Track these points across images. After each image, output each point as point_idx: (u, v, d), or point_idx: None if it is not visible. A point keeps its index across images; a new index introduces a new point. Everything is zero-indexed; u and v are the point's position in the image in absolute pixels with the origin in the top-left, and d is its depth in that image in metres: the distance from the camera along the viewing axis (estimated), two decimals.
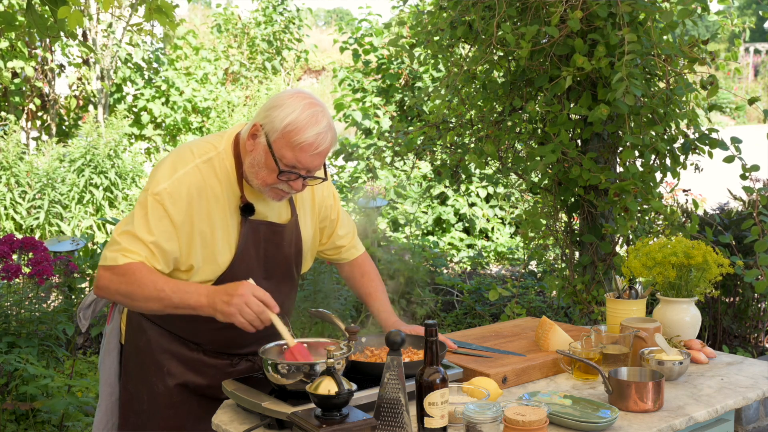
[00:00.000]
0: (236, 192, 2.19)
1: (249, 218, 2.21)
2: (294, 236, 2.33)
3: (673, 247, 2.58)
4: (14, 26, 4.05)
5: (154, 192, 2.12)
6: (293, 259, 2.35)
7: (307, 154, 2.10)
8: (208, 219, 2.16)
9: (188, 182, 2.14)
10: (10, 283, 3.98)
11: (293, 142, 2.08)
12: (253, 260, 2.24)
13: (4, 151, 8.45)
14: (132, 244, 2.10)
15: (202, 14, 18.14)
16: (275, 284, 2.28)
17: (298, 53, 13.30)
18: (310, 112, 2.10)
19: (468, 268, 7.62)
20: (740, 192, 5.18)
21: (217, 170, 2.18)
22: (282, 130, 2.08)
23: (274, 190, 2.16)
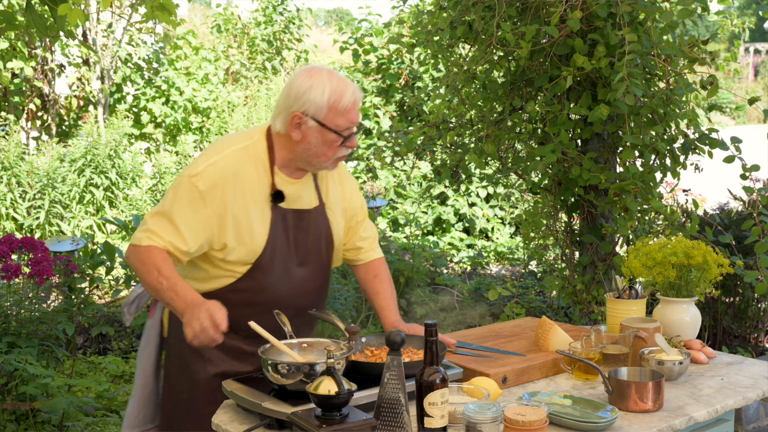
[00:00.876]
0: (269, 179, 2.30)
1: (278, 205, 2.31)
2: (322, 222, 2.42)
3: (673, 247, 2.58)
4: (14, 26, 4.05)
5: (191, 174, 2.24)
6: (324, 246, 2.42)
7: (353, 112, 2.28)
8: (243, 202, 2.26)
9: (224, 166, 2.25)
10: (10, 283, 3.98)
11: (340, 109, 2.24)
12: (285, 246, 2.33)
13: (5, 151, 8.44)
14: (160, 227, 2.22)
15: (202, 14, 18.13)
16: (309, 271, 2.38)
17: (298, 53, 13.29)
18: (336, 79, 2.26)
19: (468, 268, 7.62)
20: (740, 192, 5.17)
21: (252, 157, 2.30)
22: (328, 105, 2.23)
23: (335, 161, 2.33)
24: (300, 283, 2.36)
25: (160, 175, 9.13)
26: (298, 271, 2.34)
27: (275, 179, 2.31)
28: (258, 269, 2.29)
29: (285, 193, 2.31)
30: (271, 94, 11.09)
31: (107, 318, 5.63)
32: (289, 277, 2.33)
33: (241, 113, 10.32)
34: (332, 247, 2.46)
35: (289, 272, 2.33)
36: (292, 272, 2.33)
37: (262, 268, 2.29)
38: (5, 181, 8.34)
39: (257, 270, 2.29)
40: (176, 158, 9.51)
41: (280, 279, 2.32)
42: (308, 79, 2.24)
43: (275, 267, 2.30)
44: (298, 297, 2.37)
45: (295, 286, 2.35)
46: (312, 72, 2.26)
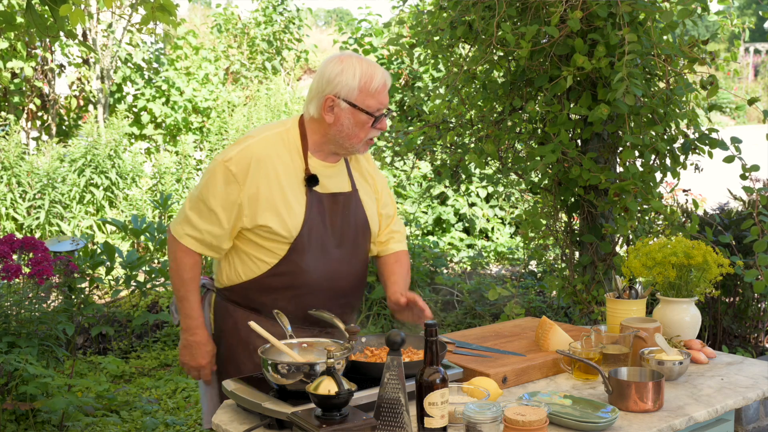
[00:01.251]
0: (303, 164, 2.39)
1: (313, 189, 2.39)
2: (356, 206, 2.48)
3: (673, 247, 2.58)
4: (14, 26, 4.05)
5: (224, 159, 2.35)
6: (360, 229, 2.48)
7: (383, 93, 2.38)
8: (277, 184, 2.35)
9: (256, 150, 2.36)
10: (10, 283, 3.98)
11: (372, 90, 2.34)
12: (321, 229, 2.39)
13: (5, 151, 8.44)
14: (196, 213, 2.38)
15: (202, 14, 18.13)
16: (346, 254, 2.44)
17: (298, 53, 13.28)
18: (365, 63, 2.36)
19: (468, 268, 7.62)
20: (740, 192, 5.17)
21: (285, 142, 2.40)
22: (359, 87, 2.33)
23: (367, 143, 2.42)
24: (338, 266, 2.43)
25: (160, 175, 9.12)
26: (336, 252, 2.41)
27: (309, 163, 2.40)
28: (296, 251, 2.36)
29: (319, 177, 2.39)
30: (271, 94, 11.08)
31: (107, 318, 5.63)
32: (327, 258, 2.40)
33: (241, 113, 10.31)
34: (368, 231, 2.52)
35: (327, 254, 2.40)
36: (330, 254, 2.40)
37: (300, 250, 2.36)
38: (5, 181, 8.33)
39: (295, 252, 2.36)
40: (176, 158, 9.51)
41: (318, 260, 2.39)
42: (339, 63, 2.34)
43: (313, 248, 2.37)
44: (336, 279, 2.43)
45: (334, 269, 2.42)
46: (342, 58, 2.37)
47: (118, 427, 4.10)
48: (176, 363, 5.21)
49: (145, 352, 5.39)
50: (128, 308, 5.93)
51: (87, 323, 5.28)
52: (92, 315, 5.15)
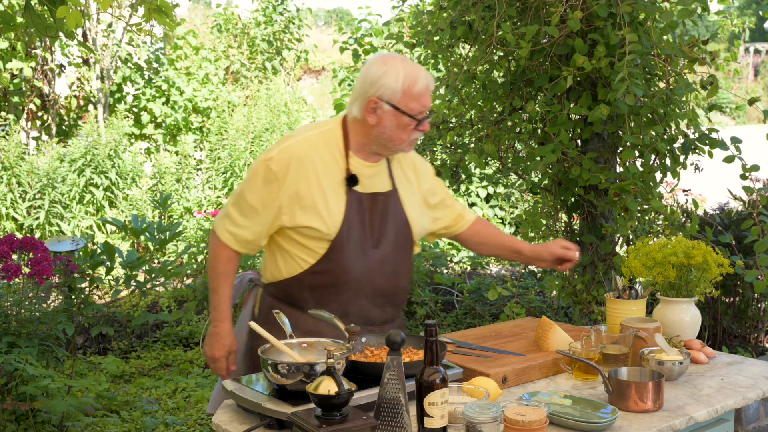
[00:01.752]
0: (344, 164, 2.42)
1: (353, 189, 2.41)
2: (396, 206, 2.50)
3: (673, 247, 2.58)
4: (13, 26, 4.05)
5: (265, 159, 2.40)
6: (399, 229, 2.50)
7: (426, 96, 2.39)
8: (317, 183, 2.38)
9: (296, 150, 2.39)
10: (10, 283, 3.98)
11: (415, 93, 2.35)
12: (360, 228, 2.41)
13: (5, 151, 8.44)
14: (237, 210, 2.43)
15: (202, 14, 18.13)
16: (385, 253, 2.45)
17: (298, 53, 13.28)
18: (409, 65, 2.37)
19: (468, 268, 7.61)
20: (740, 192, 5.17)
21: (327, 142, 2.43)
22: (402, 90, 2.34)
23: (410, 143, 2.44)
24: (377, 265, 2.44)
25: (160, 175, 9.12)
26: (375, 253, 2.43)
27: (350, 163, 2.42)
28: (335, 250, 2.38)
29: (360, 177, 2.42)
30: (271, 94, 11.08)
31: (107, 318, 5.63)
32: (365, 258, 2.41)
33: (241, 113, 10.31)
34: (408, 230, 2.53)
35: (366, 253, 2.42)
36: (368, 254, 2.42)
37: (339, 249, 2.38)
38: (5, 181, 8.33)
39: (334, 251, 2.38)
40: (176, 158, 9.51)
41: (357, 260, 2.41)
42: (383, 65, 2.35)
43: (351, 247, 2.39)
44: (376, 278, 2.44)
45: (373, 268, 2.43)
46: (386, 59, 2.38)
47: (118, 427, 4.10)
48: (176, 363, 5.21)
49: (145, 352, 5.39)
50: (128, 308, 5.93)
51: (87, 323, 5.28)
52: (92, 315, 5.15)
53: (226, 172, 9.34)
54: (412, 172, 2.60)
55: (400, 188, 2.53)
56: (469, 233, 2.76)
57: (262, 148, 9.50)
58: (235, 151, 9.41)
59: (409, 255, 2.56)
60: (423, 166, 2.66)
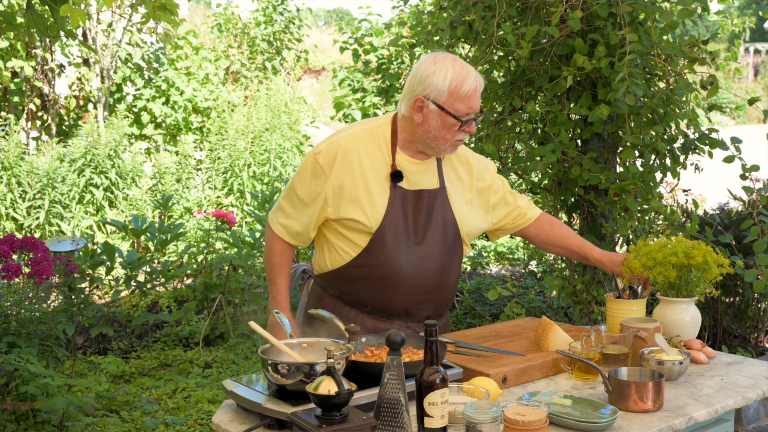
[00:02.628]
0: (390, 159, 2.45)
1: (398, 185, 2.44)
2: (442, 204, 2.50)
3: (673, 247, 2.58)
4: (14, 26, 4.05)
5: (314, 152, 2.46)
6: (444, 227, 2.51)
7: (474, 98, 2.39)
8: (362, 177, 2.42)
9: (344, 144, 2.44)
10: (10, 283, 3.98)
11: (461, 95, 2.36)
12: (402, 224, 2.44)
13: (5, 151, 8.44)
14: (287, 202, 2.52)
15: (202, 14, 18.13)
16: (429, 250, 2.47)
17: (298, 53, 13.28)
18: (459, 66, 2.37)
19: (468, 268, 7.61)
20: (740, 192, 5.17)
21: (376, 138, 2.47)
22: (448, 90, 2.35)
23: (454, 144, 2.44)
24: (419, 262, 2.46)
25: (160, 175, 9.12)
26: (417, 249, 2.45)
27: (396, 159, 2.45)
28: (375, 244, 2.42)
29: (405, 173, 2.45)
30: (271, 94, 11.08)
31: (107, 318, 5.63)
32: (407, 254, 2.44)
33: (241, 113, 10.31)
34: (455, 229, 2.53)
35: (408, 249, 2.43)
36: (410, 249, 2.44)
37: (379, 243, 2.42)
38: (5, 181, 8.33)
39: (375, 245, 2.42)
40: (176, 158, 9.51)
41: (398, 255, 2.43)
42: (432, 64, 2.37)
43: (393, 243, 2.42)
44: (417, 275, 2.46)
45: (414, 264, 2.45)
46: (437, 58, 2.38)
47: (118, 427, 4.10)
48: (176, 363, 5.21)
49: (145, 352, 5.39)
50: (128, 308, 5.94)
51: (87, 323, 5.28)
52: (92, 315, 5.15)
53: (226, 172, 9.34)
54: (466, 171, 2.61)
55: (449, 187, 2.54)
56: (533, 231, 2.77)
57: (263, 148, 9.50)
58: (235, 151, 9.41)
59: (455, 254, 2.56)
60: (480, 164, 2.66)
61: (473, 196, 2.61)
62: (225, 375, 4.94)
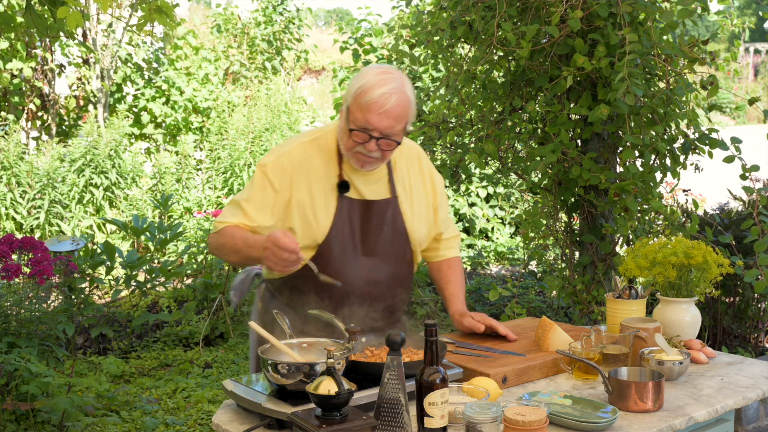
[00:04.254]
0: (337, 170, 2.40)
1: (345, 195, 2.39)
2: (393, 215, 2.46)
3: (673, 247, 2.58)
4: (13, 27, 4.05)
5: (261, 164, 2.40)
6: (396, 238, 2.47)
7: (374, 114, 2.25)
8: (308, 190, 2.37)
9: (290, 157, 2.39)
10: (10, 283, 3.98)
11: (361, 103, 2.27)
12: (348, 236, 2.39)
13: (5, 151, 8.44)
14: (234, 212, 2.40)
15: (202, 14, 18.13)
16: (378, 262, 2.42)
17: (298, 53, 13.28)
18: (380, 77, 2.28)
19: (468, 268, 7.61)
20: (740, 192, 5.17)
21: (321, 149, 2.42)
22: (354, 94, 2.29)
23: (355, 155, 2.34)
24: (368, 273, 2.41)
25: (160, 175, 9.12)
26: (366, 261, 2.41)
27: (344, 169, 2.40)
28: (322, 256, 2.37)
29: (353, 183, 2.40)
30: (271, 94, 11.08)
31: (107, 318, 5.63)
32: (355, 265, 2.39)
33: (241, 113, 10.31)
34: (406, 239, 2.49)
35: (355, 261, 2.39)
36: (358, 261, 2.39)
37: (326, 255, 2.37)
38: (5, 181, 8.33)
39: (321, 256, 2.37)
40: (176, 158, 9.51)
41: (345, 267, 2.38)
42: (365, 69, 2.34)
43: (339, 254, 2.37)
44: (365, 286, 2.42)
45: (363, 276, 2.41)
46: (373, 66, 2.35)
47: (118, 427, 4.10)
48: (176, 363, 5.21)
49: (145, 352, 5.39)
50: (128, 308, 5.93)
51: (87, 323, 5.28)
52: (92, 315, 5.15)
53: (226, 172, 9.34)
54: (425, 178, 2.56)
55: (402, 196, 2.49)
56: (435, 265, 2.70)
57: (262, 148, 9.51)
58: (235, 151, 9.42)
59: (406, 264, 2.52)
60: (437, 176, 2.63)
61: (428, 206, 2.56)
62: (225, 375, 4.94)
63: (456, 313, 2.64)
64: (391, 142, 2.31)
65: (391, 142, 2.31)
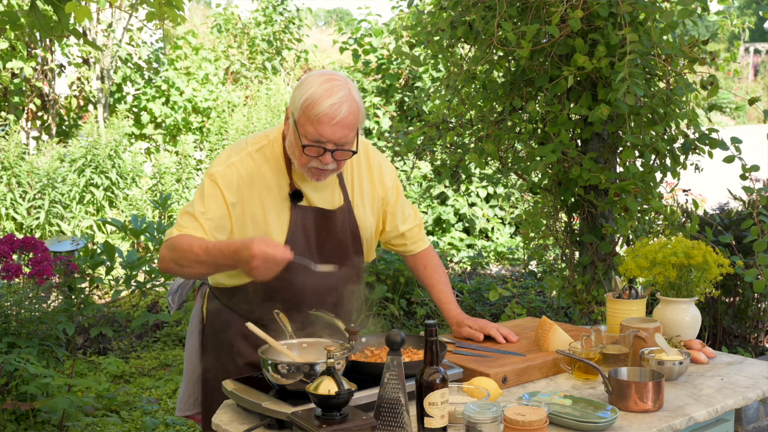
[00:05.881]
0: (287, 179, 2.31)
1: (298, 204, 2.32)
2: (347, 222, 2.41)
3: (673, 247, 2.58)
4: (17, 26, 4.04)
5: (210, 173, 2.28)
6: (350, 245, 2.42)
7: (326, 126, 2.16)
8: (260, 204, 2.28)
9: (240, 168, 2.27)
10: (10, 283, 3.98)
11: (311, 116, 2.16)
12: (304, 245, 2.33)
13: (5, 151, 8.44)
14: (187, 221, 2.24)
15: (202, 14, 18.12)
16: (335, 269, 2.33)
17: (298, 53, 13.28)
18: (326, 87, 2.17)
19: (468, 268, 7.61)
20: (740, 192, 5.17)
21: (268, 158, 2.31)
22: (301, 107, 2.17)
23: (310, 170, 2.24)
24: (321, 280, 2.34)
25: (160, 175, 9.12)
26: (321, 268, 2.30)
27: (294, 178, 2.32)
28: None
29: (304, 192, 2.32)
30: (271, 94, 11.08)
31: (107, 318, 5.63)
32: (312, 274, 2.28)
33: (241, 113, 10.31)
34: (359, 244, 2.46)
35: (312, 270, 2.27)
36: (314, 270, 2.27)
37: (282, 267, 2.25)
38: (5, 181, 8.33)
39: None
40: (176, 158, 9.51)
41: (301, 276, 2.31)
42: (308, 78, 2.22)
43: (295, 265, 2.23)
44: (322, 295, 2.38)
45: (316, 282, 2.34)
46: (318, 74, 2.22)
47: (118, 427, 4.10)
48: (176, 363, 5.21)
49: (145, 352, 5.39)
50: (128, 308, 5.94)
51: (87, 323, 5.28)
52: (92, 315, 5.15)
53: None
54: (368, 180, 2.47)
55: (355, 200, 2.44)
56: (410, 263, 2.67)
57: None
58: None
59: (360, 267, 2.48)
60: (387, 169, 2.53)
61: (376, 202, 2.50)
62: None
63: (453, 322, 2.61)
64: (346, 152, 2.23)
65: (346, 152, 2.23)
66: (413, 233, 2.62)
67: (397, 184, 2.58)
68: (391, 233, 2.59)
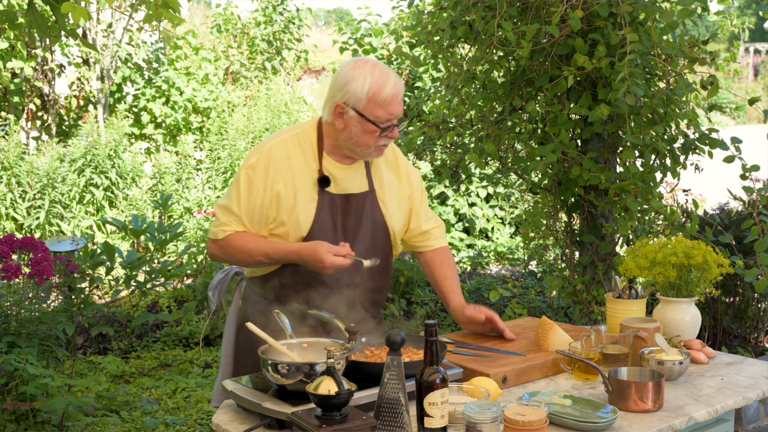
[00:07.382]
0: (317, 165, 2.45)
1: (325, 190, 2.44)
2: (372, 207, 2.51)
3: (673, 247, 2.58)
4: (15, 25, 4.04)
5: (246, 166, 2.44)
6: (374, 230, 2.51)
7: (394, 105, 2.38)
8: (292, 185, 2.41)
9: (274, 152, 2.44)
10: (10, 283, 3.98)
11: (380, 101, 2.35)
12: (331, 229, 2.44)
13: (5, 151, 8.44)
14: (226, 216, 2.44)
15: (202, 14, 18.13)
16: (359, 254, 2.43)
17: (298, 53, 13.28)
18: (378, 72, 2.37)
19: (468, 268, 7.61)
20: (740, 192, 5.17)
21: (302, 144, 2.47)
22: (367, 97, 2.35)
23: (378, 149, 2.44)
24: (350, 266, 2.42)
25: (160, 175, 9.12)
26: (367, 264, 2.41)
27: (324, 164, 2.45)
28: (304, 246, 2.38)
29: (333, 178, 2.45)
30: (271, 94, 11.08)
31: (107, 318, 5.63)
32: None
33: (241, 113, 10.31)
34: (386, 232, 2.54)
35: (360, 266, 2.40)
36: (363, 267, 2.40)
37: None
38: (5, 181, 8.33)
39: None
40: (176, 158, 9.51)
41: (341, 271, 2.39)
42: (352, 70, 2.37)
43: None
44: (348, 278, 2.44)
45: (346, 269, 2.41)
46: (357, 64, 2.38)
47: (118, 427, 4.10)
48: (176, 363, 5.21)
49: (145, 352, 5.39)
50: (128, 308, 5.94)
51: (87, 323, 5.28)
52: (92, 315, 5.15)
53: (226, 172, 9.34)
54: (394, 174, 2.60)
55: (378, 189, 2.54)
56: (426, 257, 2.73)
57: None
58: (235, 151, 9.42)
59: (386, 255, 2.56)
60: (408, 168, 2.66)
61: (402, 198, 2.61)
62: None
63: (457, 306, 2.66)
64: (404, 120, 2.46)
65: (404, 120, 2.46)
66: (435, 232, 2.72)
67: (422, 186, 2.71)
68: (415, 230, 2.68)
